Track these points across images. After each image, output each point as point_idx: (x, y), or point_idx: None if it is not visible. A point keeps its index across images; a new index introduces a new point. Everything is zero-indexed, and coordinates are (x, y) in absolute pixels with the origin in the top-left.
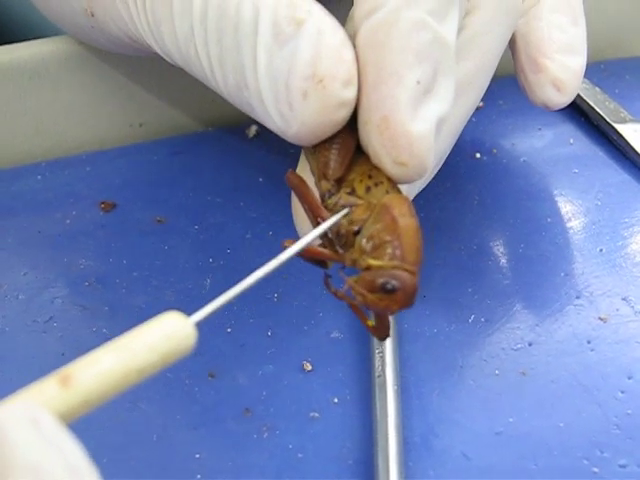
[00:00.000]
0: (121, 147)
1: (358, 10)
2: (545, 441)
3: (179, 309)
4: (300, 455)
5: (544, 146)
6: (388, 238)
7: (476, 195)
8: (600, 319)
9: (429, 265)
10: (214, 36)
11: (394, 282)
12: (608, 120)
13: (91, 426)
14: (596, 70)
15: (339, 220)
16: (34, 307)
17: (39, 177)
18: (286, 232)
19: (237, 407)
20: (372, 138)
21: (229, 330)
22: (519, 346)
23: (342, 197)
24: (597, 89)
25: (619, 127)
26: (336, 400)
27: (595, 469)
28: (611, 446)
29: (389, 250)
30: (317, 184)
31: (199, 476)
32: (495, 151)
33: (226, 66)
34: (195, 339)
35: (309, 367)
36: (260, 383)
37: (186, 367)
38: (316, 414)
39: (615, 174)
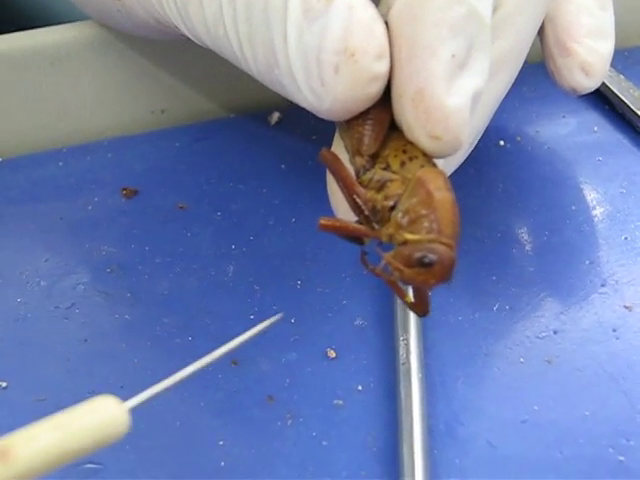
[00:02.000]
0: (143, 134)
1: None
2: (570, 429)
3: (201, 296)
4: (324, 443)
5: (568, 134)
6: (424, 212)
7: (500, 183)
8: (625, 307)
9: None
10: (243, 14)
11: (431, 256)
12: (633, 108)
13: None
14: (621, 57)
15: (374, 196)
16: (56, 293)
17: (61, 163)
18: (309, 218)
19: (260, 394)
20: (406, 111)
21: (252, 317)
22: (544, 334)
23: (377, 172)
24: (622, 76)
25: None
26: (360, 388)
27: (621, 457)
28: (637, 434)
29: (426, 224)
30: (351, 160)
31: (223, 463)
32: (519, 138)
33: (256, 44)
34: (127, 427)
35: (333, 354)
36: (283, 370)
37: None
38: (340, 402)
39: None
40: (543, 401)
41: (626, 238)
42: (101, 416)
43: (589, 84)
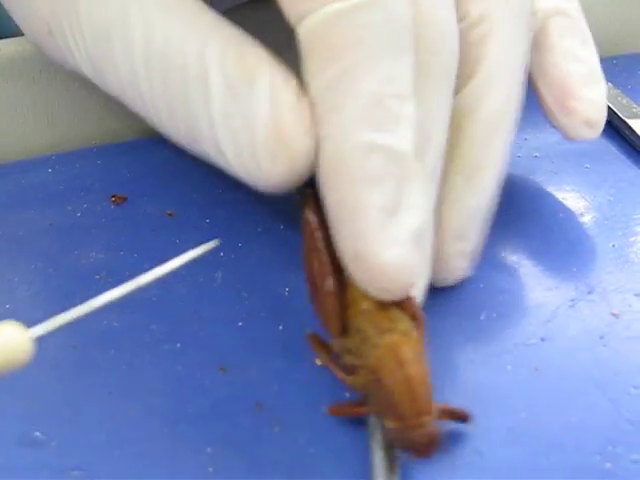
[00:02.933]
0: (132, 141)
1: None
2: (557, 437)
3: (190, 303)
4: (312, 450)
5: (556, 142)
6: (395, 398)
7: None
8: (613, 314)
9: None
10: (160, 85)
11: (410, 448)
12: (620, 115)
13: (102, 419)
14: (608, 65)
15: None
16: (44, 300)
17: (50, 170)
18: (297, 226)
19: (248, 401)
20: (351, 270)
21: (240, 324)
22: (531, 342)
23: (350, 350)
24: (609, 84)
25: (631, 122)
26: (348, 395)
27: (608, 464)
28: (624, 442)
29: (399, 410)
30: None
31: (211, 469)
32: None
33: (177, 118)
34: (31, 355)
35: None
36: (271, 377)
37: (197, 360)
38: (328, 409)
39: (627, 169)
40: (530, 409)
41: (614, 245)
42: (3, 341)
43: (593, 134)
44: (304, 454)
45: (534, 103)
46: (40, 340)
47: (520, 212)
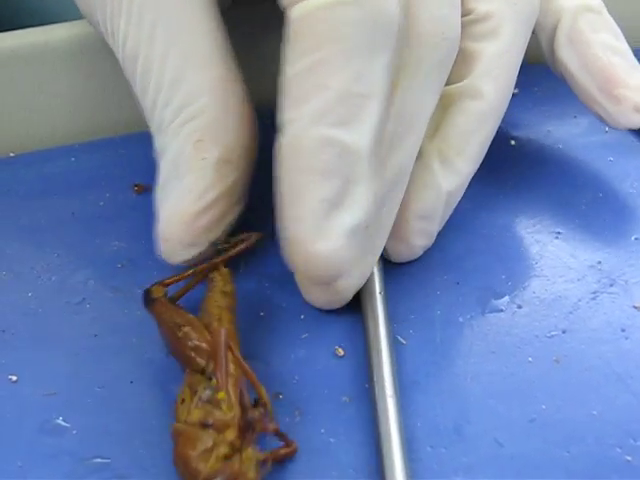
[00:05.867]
0: None
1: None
2: (578, 429)
3: None
4: (332, 440)
5: (579, 134)
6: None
7: (510, 181)
8: (635, 307)
9: (462, 250)
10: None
11: None
12: None
13: (123, 408)
14: None
15: None
16: (67, 288)
17: (73, 159)
18: None
19: (269, 391)
20: (287, 251)
21: (262, 314)
22: (553, 333)
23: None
24: None
25: None
26: (367, 385)
27: (628, 457)
28: None
29: None
30: None
31: None
32: (530, 138)
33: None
34: None
35: (342, 352)
36: (292, 367)
37: None
38: (348, 399)
39: None
40: (551, 400)
41: (636, 238)
42: None
43: None
44: (324, 444)
45: (557, 95)
46: (60, 328)
47: (542, 204)
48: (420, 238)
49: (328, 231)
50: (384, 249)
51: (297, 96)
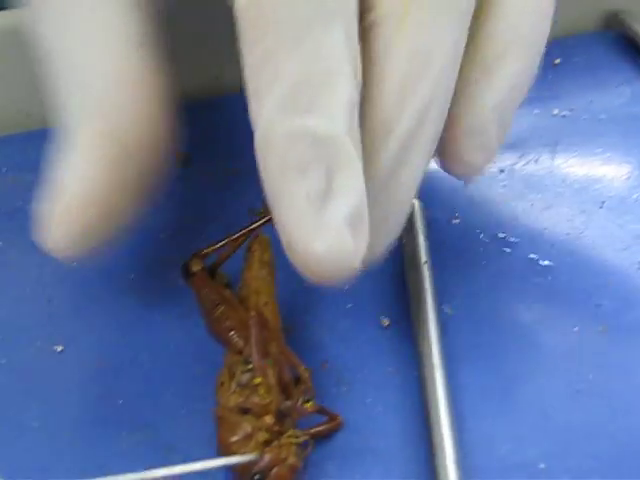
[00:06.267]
0: (196, 100)
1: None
2: (626, 399)
3: None
4: (379, 409)
5: (622, 103)
6: None
7: (549, 152)
8: None
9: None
10: None
11: None
12: None
13: (170, 379)
14: None
15: None
16: (112, 259)
17: None
18: None
19: (315, 360)
20: (289, 258)
21: (305, 284)
22: (599, 303)
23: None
24: None
25: None
26: (413, 355)
27: None
28: None
29: None
30: None
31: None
32: (572, 108)
33: None
34: None
35: (386, 322)
36: (338, 337)
37: None
38: (394, 369)
39: None
40: (598, 371)
41: None
42: None
43: None
44: (371, 413)
45: (599, 66)
46: (107, 300)
47: (584, 176)
48: (476, 154)
49: (323, 227)
50: (445, 167)
51: (257, 88)
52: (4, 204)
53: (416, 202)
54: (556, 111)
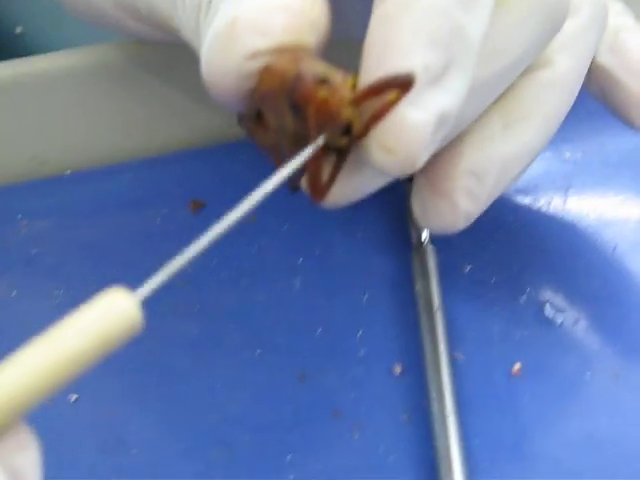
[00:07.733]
0: (211, 147)
1: None
2: (638, 445)
3: (268, 309)
4: (391, 458)
5: (635, 146)
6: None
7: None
8: None
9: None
10: None
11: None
12: None
13: (182, 426)
14: None
15: None
16: None
17: (128, 176)
18: (376, 234)
19: (327, 409)
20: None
21: (319, 331)
22: (611, 349)
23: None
24: None
25: None
26: (426, 403)
27: None
28: None
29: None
30: None
31: (292, 476)
32: (585, 151)
33: None
34: (140, 318)
35: (399, 370)
36: (350, 385)
37: (276, 367)
38: (406, 417)
39: None
40: (610, 416)
41: None
42: (102, 311)
43: None
44: (383, 461)
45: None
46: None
47: (594, 219)
48: (465, 198)
49: (423, 103)
50: (423, 219)
51: None
52: (18, 252)
53: (429, 247)
54: (568, 155)
